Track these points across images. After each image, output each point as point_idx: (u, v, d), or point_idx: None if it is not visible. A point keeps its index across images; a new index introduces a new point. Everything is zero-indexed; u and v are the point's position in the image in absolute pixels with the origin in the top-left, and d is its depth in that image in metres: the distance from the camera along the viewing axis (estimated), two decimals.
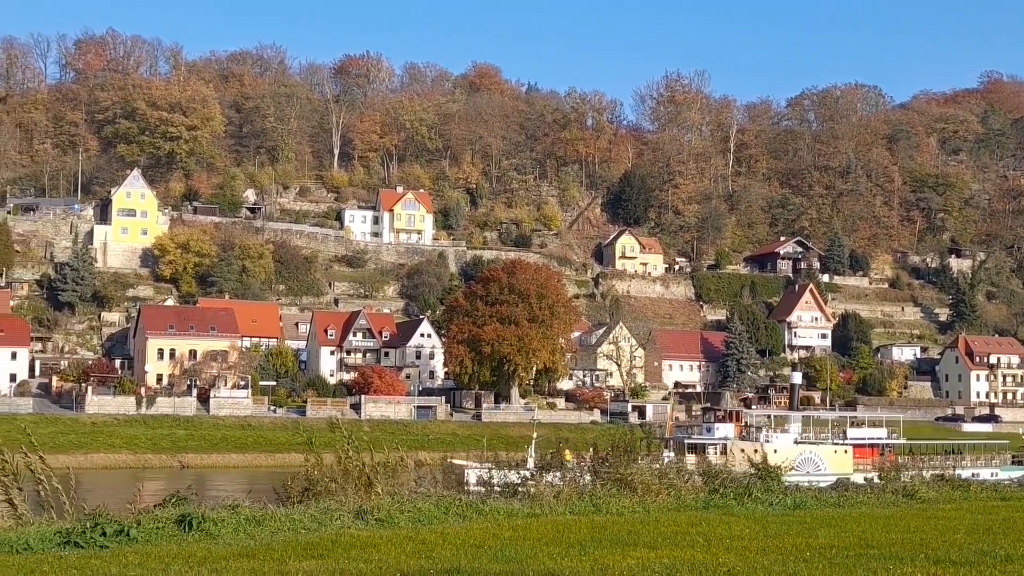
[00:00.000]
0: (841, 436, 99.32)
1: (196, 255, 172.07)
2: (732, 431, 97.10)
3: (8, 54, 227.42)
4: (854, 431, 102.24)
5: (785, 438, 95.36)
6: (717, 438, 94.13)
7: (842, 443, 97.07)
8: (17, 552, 18.22)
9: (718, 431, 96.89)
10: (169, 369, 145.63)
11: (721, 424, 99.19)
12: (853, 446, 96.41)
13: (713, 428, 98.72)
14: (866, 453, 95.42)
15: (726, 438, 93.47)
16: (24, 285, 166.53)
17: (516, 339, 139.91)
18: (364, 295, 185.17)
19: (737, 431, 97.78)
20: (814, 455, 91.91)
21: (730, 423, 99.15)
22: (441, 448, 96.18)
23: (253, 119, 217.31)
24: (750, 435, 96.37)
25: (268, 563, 16.78)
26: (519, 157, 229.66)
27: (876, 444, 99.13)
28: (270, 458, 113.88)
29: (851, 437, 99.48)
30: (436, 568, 16.19)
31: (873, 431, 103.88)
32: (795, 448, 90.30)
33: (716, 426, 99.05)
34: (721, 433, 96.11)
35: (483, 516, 23.19)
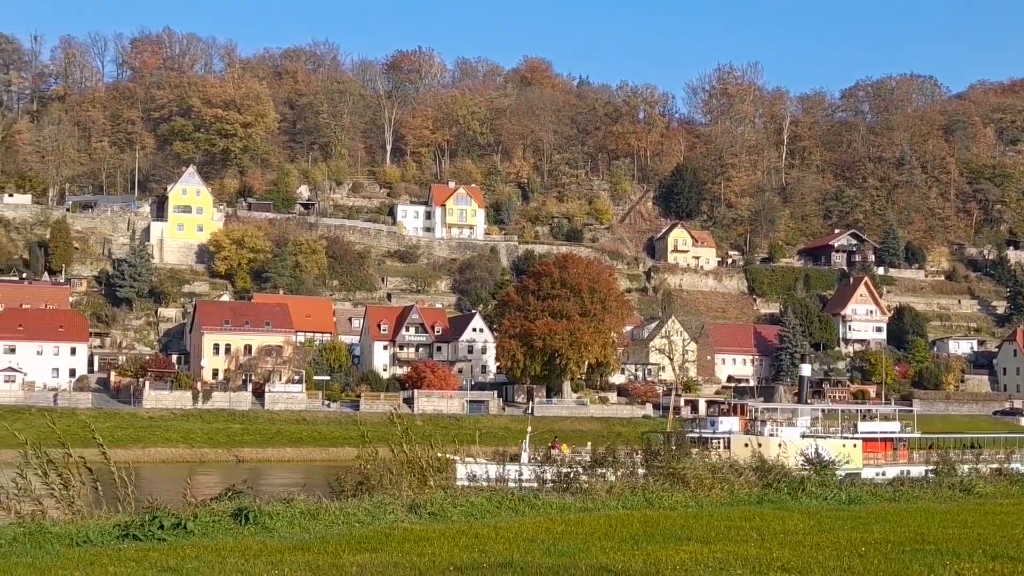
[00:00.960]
0: (852, 430, 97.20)
1: (251, 251, 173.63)
2: (737, 425, 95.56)
3: (67, 53, 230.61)
4: (865, 425, 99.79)
5: (791, 432, 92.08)
6: (721, 432, 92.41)
7: (851, 437, 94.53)
8: (78, 545, 18.50)
9: (722, 425, 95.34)
10: (224, 364, 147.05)
11: (725, 418, 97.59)
12: (864, 440, 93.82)
13: (717, 422, 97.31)
14: (878, 447, 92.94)
15: (730, 432, 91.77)
16: (83, 281, 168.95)
17: (568, 333, 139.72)
18: (416, 290, 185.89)
19: (742, 425, 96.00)
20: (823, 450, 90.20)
21: (735, 417, 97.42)
22: (493, 442, 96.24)
23: (306, 116, 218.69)
24: (755, 429, 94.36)
25: (323, 556, 16.92)
26: (570, 151, 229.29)
27: (889, 438, 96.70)
28: (324, 452, 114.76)
29: (862, 431, 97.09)
30: (489, 562, 16.24)
31: (885, 425, 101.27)
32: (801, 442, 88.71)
33: (720, 420, 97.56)
34: (725, 427, 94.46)
35: (536, 511, 23.22)
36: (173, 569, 15.90)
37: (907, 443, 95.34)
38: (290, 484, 72.45)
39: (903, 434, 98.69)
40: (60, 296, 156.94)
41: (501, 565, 16.01)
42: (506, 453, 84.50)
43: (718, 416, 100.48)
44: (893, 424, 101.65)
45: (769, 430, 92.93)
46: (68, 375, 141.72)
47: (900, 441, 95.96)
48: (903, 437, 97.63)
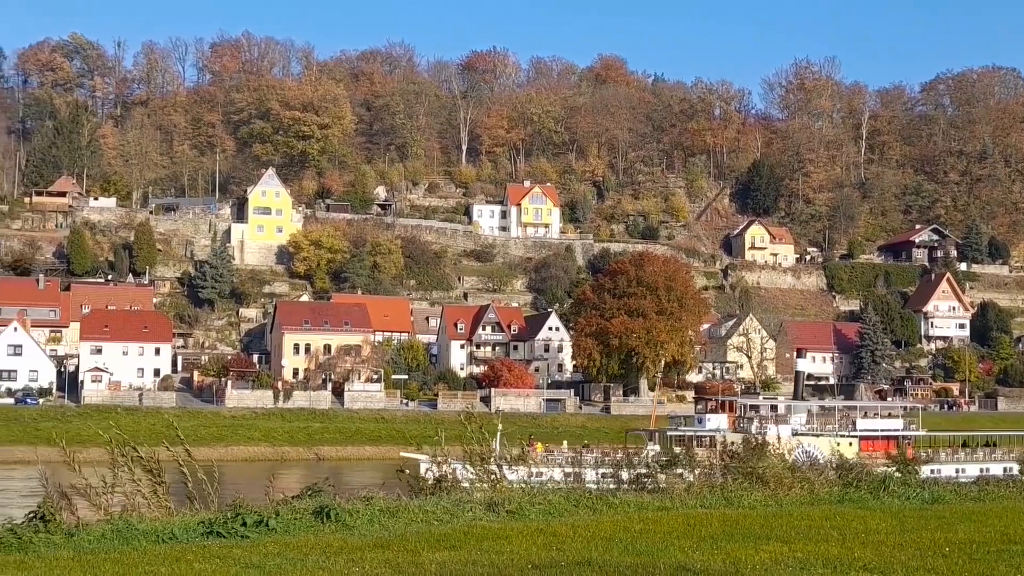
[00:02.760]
0: (850, 428, 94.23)
1: (329, 251, 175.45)
2: (725, 422, 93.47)
3: (149, 59, 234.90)
4: (865, 422, 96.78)
5: (782, 430, 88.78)
6: (708, 430, 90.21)
7: (848, 435, 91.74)
8: (163, 542, 18.84)
9: (709, 422, 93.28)
10: (304, 363, 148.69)
11: (713, 415, 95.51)
12: (862, 438, 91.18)
13: (704, 419, 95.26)
14: (879, 445, 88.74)
15: (718, 430, 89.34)
16: (166, 283, 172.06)
17: (644, 332, 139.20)
18: (492, 289, 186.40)
19: (730, 422, 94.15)
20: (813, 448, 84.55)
21: (723, 414, 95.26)
22: (571, 441, 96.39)
23: (383, 117, 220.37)
24: (743, 427, 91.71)
25: (402, 554, 17.07)
26: (646, 149, 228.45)
27: (891, 436, 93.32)
28: (403, 450, 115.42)
29: (861, 428, 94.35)
30: (567, 560, 16.27)
31: (886, 422, 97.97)
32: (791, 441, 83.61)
33: (708, 417, 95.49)
34: (713, 424, 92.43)
35: (613, 509, 23.19)
36: (256, 566, 16.12)
37: (912, 441, 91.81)
38: (369, 482, 72.94)
39: (907, 432, 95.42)
40: (144, 297, 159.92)
41: (579, 563, 16.03)
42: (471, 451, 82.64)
43: (706, 413, 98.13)
44: (895, 421, 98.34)
45: (756, 428, 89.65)
46: (152, 375, 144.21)
47: (905, 439, 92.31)
48: (908, 435, 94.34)
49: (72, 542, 18.54)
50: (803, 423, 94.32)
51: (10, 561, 16.98)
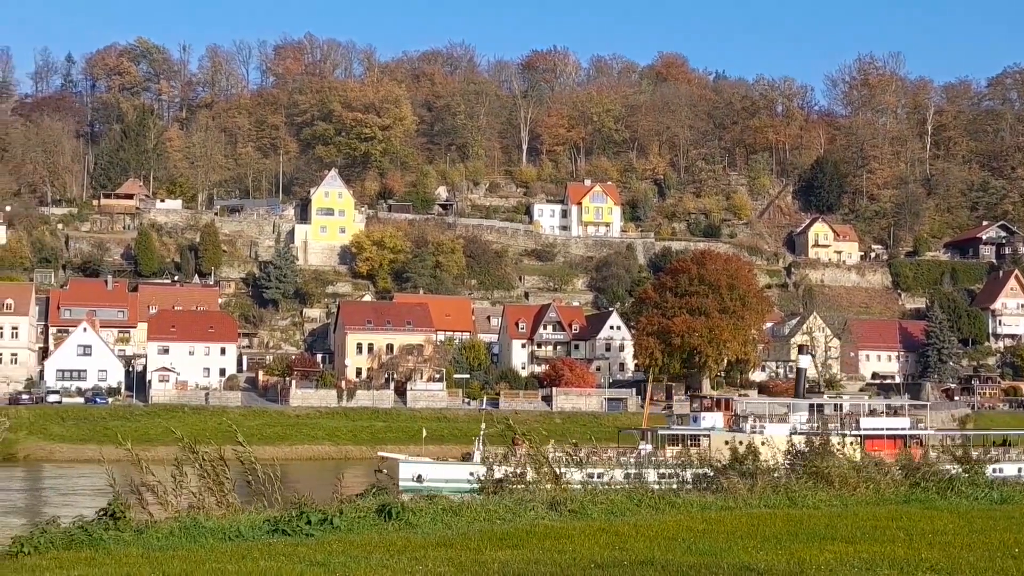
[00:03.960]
0: (854, 426, 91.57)
1: (391, 252, 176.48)
2: (720, 421, 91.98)
3: (213, 62, 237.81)
4: (869, 421, 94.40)
5: (778, 428, 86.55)
6: (702, 429, 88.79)
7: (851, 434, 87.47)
8: (230, 539, 19.11)
9: (704, 421, 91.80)
10: (367, 363, 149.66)
11: (708, 414, 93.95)
12: (866, 437, 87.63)
13: (699, 418, 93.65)
14: (883, 445, 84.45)
15: (712, 429, 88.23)
16: (231, 283, 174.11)
17: (706, 330, 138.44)
18: (553, 288, 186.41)
19: (726, 421, 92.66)
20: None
21: (719, 412, 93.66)
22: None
23: (444, 117, 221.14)
24: (739, 426, 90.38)
25: (465, 552, 17.15)
26: (707, 146, 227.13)
27: (897, 435, 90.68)
28: (465, 450, 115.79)
29: (864, 427, 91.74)
30: (630, 560, 16.26)
31: (892, 420, 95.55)
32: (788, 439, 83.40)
33: (703, 416, 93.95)
34: (708, 423, 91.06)
35: (676, 508, 23.14)
36: (321, 563, 16.29)
37: (920, 440, 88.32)
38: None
39: (915, 430, 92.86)
40: (210, 298, 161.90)
41: (642, 563, 16.02)
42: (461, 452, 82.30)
43: (701, 412, 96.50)
44: (902, 420, 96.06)
45: (751, 427, 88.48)
46: (218, 374, 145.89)
47: (912, 438, 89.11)
48: (915, 434, 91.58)
49: (141, 539, 18.85)
50: (803, 422, 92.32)
51: (81, 558, 17.33)
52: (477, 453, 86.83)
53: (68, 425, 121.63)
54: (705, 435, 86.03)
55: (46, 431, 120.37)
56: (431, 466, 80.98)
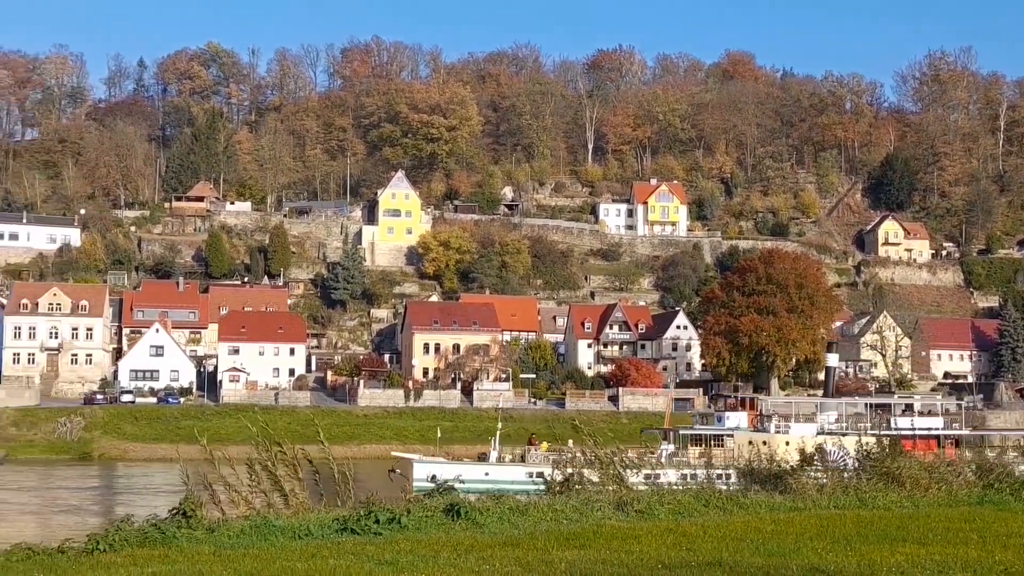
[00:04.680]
0: (885, 426, 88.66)
1: (457, 252, 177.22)
2: (745, 421, 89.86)
3: (282, 65, 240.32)
4: (902, 420, 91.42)
5: (804, 428, 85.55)
6: (725, 429, 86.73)
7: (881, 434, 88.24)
8: (299, 538, 19.30)
9: (728, 421, 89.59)
10: (434, 363, 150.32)
11: (733, 413, 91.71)
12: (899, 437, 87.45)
13: (724, 418, 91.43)
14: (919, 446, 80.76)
15: (736, 428, 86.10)
16: (300, 284, 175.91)
17: (774, 330, 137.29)
18: (619, 288, 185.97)
19: (750, 421, 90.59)
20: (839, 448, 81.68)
21: (743, 412, 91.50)
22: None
23: (509, 118, 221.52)
24: (763, 426, 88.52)
25: (532, 552, 17.18)
26: (775, 144, 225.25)
27: (931, 435, 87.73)
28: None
29: (896, 427, 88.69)
30: (698, 561, 16.21)
31: (926, 420, 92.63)
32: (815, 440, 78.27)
33: (727, 415, 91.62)
34: (732, 423, 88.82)
35: (744, 509, 23.00)
36: (389, 562, 16.40)
37: (954, 440, 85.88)
38: None
39: (949, 431, 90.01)
40: (279, 299, 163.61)
41: (710, 564, 15.96)
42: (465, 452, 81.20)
43: (725, 411, 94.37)
44: (935, 420, 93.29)
45: (775, 427, 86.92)
46: (288, 374, 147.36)
47: (947, 438, 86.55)
48: (950, 434, 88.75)
49: (213, 538, 19.10)
50: (832, 422, 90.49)
51: (154, 555, 17.61)
52: (493, 453, 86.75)
53: (141, 424, 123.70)
54: (728, 435, 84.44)
55: (120, 430, 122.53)
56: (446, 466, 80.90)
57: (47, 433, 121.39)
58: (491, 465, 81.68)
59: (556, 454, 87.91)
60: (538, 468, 79.61)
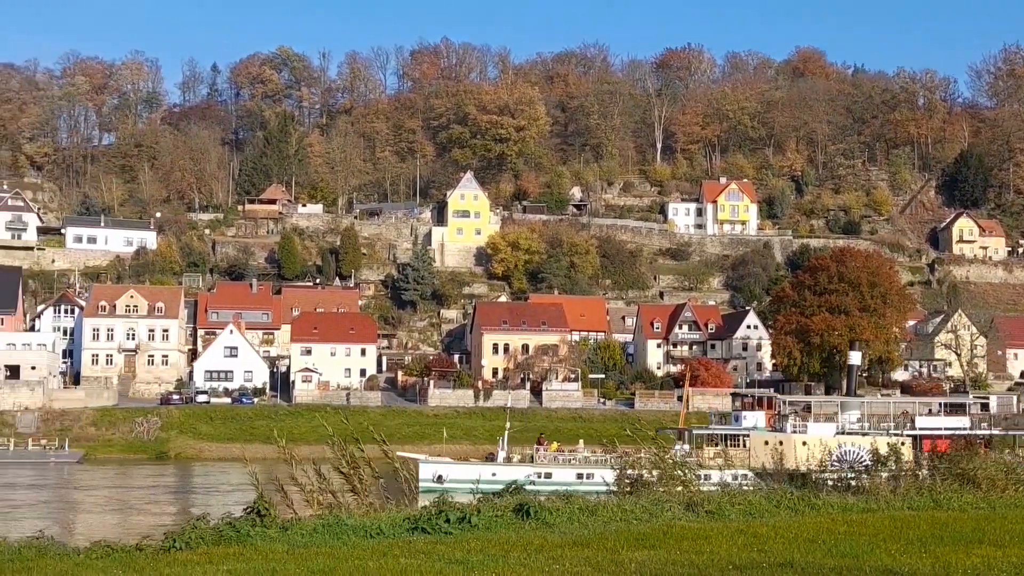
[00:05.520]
0: (908, 426, 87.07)
1: (526, 253, 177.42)
2: (762, 421, 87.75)
3: (352, 68, 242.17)
4: (925, 420, 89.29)
5: (822, 428, 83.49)
6: (741, 429, 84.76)
7: (903, 434, 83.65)
8: (371, 536, 19.50)
9: (745, 420, 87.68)
10: (503, 363, 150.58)
11: (750, 413, 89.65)
12: (923, 437, 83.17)
13: (741, 417, 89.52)
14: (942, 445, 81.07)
15: (754, 428, 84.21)
16: (371, 285, 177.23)
17: (847, 329, 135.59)
18: (689, 287, 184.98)
19: (768, 420, 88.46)
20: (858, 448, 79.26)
21: (760, 411, 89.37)
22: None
23: (577, 118, 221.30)
24: (780, 425, 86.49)
25: (602, 552, 17.21)
26: (846, 142, 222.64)
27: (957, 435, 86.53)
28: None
29: (920, 427, 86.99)
30: (769, 562, 16.13)
31: (951, 420, 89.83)
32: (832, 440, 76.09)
33: (744, 415, 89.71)
34: (749, 422, 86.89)
35: (816, 510, 22.84)
36: (460, 561, 16.51)
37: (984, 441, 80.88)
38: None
39: (976, 431, 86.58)
40: (350, 300, 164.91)
41: (781, 565, 15.87)
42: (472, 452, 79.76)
43: (742, 410, 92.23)
44: (962, 419, 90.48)
45: (792, 426, 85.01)
46: (359, 375, 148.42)
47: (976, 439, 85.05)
48: (978, 434, 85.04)
49: (286, 536, 19.35)
50: (853, 421, 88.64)
51: (229, 553, 17.89)
52: (501, 453, 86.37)
53: (216, 424, 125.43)
54: (745, 435, 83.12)
55: (195, 430, 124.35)
56: (452, 466, 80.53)
57: (125, 433, 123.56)
58: (498, 465, 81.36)
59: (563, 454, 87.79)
60: (545, 468, 79.51)
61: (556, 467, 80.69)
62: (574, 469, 79.58)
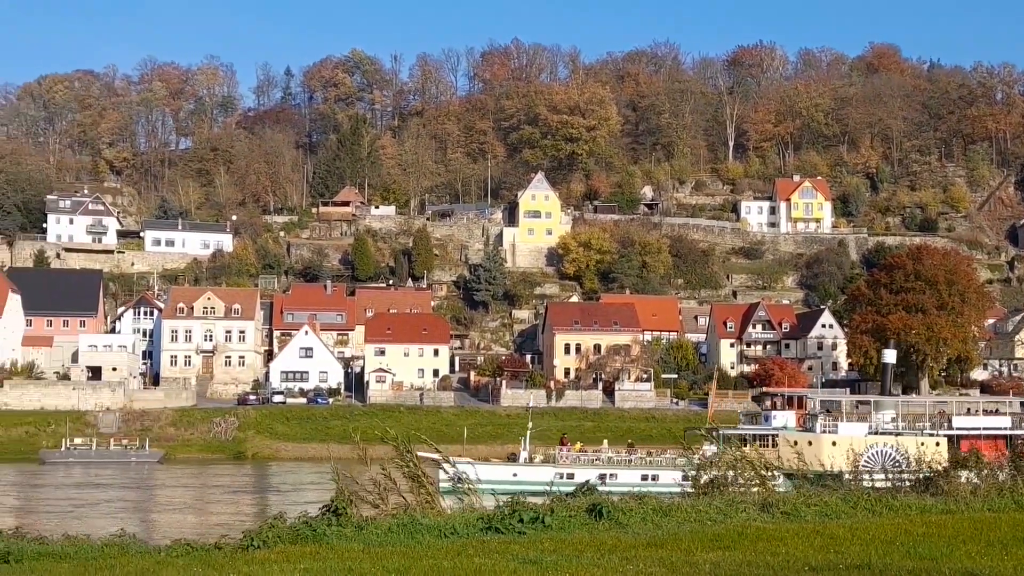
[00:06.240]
0: (945, 426, 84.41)
1: (597, 252, 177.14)
2: (793, 420, 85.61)
3: (423, 70, 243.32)
4: (963, 420, 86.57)
5: (853, 428, 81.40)
6: (771, 428, 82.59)
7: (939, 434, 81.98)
8: (445, 536, 19.63)
9: (775, 420, 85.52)
10: (575, 363, 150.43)
11: (780, 412, 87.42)
12: (960, 437, 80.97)
13: (771, 417, 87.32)
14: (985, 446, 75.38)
15: (784, 428, 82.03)
16: (443, 286, 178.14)
17: (924, 328, 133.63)
18: (762, 286, 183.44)
19: (798, 420, 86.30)
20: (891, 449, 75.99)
21: (791, 411, 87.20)
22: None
23: (648, 117, 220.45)
24: (809, 425, 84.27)
25: (676, 553, 17.16)
26: (922, 138, 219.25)
27: (997, 435, 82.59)
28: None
29: (957, 426, 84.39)
30: (846, 563, 15.99)
31: (992, 419, 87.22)
32: (863, 440, 75.93)
33: (774, 415, 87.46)
34: (779, 422, 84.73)
35: (894, 511, 22.57)
36: (533, 561, 16.56)
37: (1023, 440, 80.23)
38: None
39: (1017, 431, 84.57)
40: (423, 300, 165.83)
41: (858, 567, 15.73)
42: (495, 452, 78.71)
43: (771, 410, 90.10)
44: (1002, 419, 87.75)
45: (821, 426, 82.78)
46: (432, 375, 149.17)
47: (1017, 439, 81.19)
48: (1018, 434, 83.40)
49: (362, 535, 19.55)
50: (887, 421, 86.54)
51: (306, 552, 18.12)
52: (524, 453, 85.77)
53: (292, 424, 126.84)
54: (774, 435, 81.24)
55: (272, 430, 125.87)
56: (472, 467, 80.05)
57: (203, 433, 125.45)
58: (519, 466, 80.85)
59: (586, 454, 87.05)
60: (567, 469, 78.92)
61: (578, 467, 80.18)
62: (596, 470, 79.08)
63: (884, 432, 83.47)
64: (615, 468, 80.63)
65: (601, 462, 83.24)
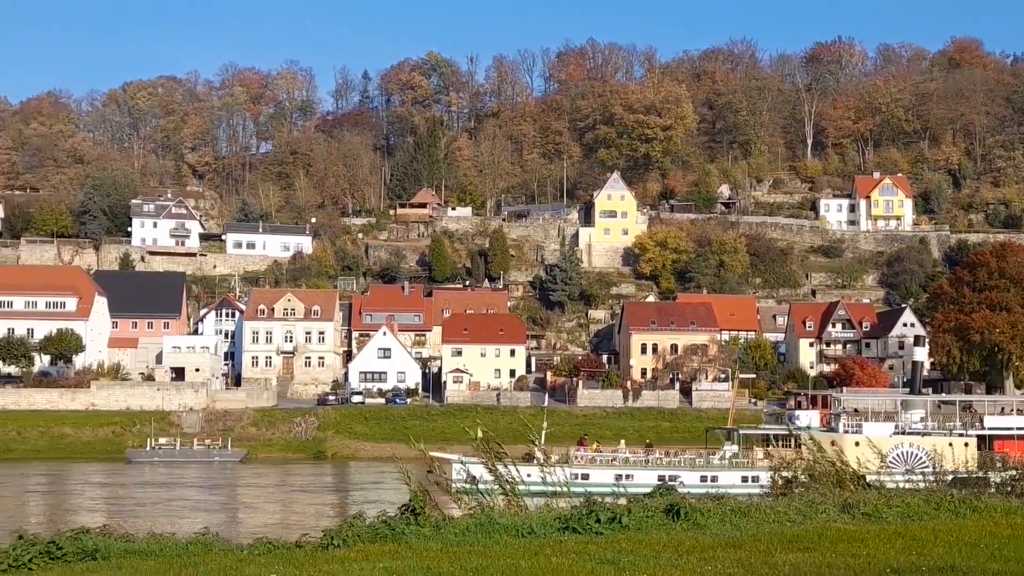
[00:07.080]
0: (975, 425, 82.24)
1: (674, 252, 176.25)
2: (816, 420, 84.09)
3: (499, 71, 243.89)
4: (995, 420, 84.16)
5: (878, 428, 79.32)
6: (795, 428, 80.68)
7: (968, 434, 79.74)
8: (522, 536, 19.67)
9: (799, 420, 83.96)
10: (652, 363, 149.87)
11: (803, 412, 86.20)
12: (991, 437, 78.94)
13: (795, 416, 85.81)
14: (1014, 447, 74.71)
15: (807, 428, 79.82)
16: (519, 287, 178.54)
17: (1009, 326, 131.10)
18: (841, 285, 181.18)
19: (822, 419, 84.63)
20: (917, 449, 74.75)
21: (815, 411, 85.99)
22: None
23: (725, 115, 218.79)
24: (832, 425, 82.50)
25: (755, 554, 17.06)
26: (1005, 133, 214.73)
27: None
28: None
29: (989, 426, 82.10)
30: (929, 565, 15.79)
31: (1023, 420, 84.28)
32: (888, 440, 74.24)
33: (798, 414, 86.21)
34: (803, 422, 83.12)
35: (978, 513, 22.18)
36: (611, 562, 16.55)
37: None
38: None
39: None
40: (499, 301, 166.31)
41: (942, 569, 15.53)
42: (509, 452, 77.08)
43: (795, 409, 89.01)
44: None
45: (844, 426, 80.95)
46: (508, 375, 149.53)
47: None
48: None
49: (440, 534, 19.66)
50: (915, 421, 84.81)
51: (385, 551, 18.28)
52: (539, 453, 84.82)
53: (370, 424, 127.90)
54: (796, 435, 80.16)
55: (351, 430, 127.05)
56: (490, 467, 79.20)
57: (284, 433, 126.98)
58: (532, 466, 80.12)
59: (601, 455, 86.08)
60: (582, 470, 78.09)
61: (593, 468, 79.57)
62: (612, 471, 78.46)
63: (912, 432, 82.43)
64: (631, 469, 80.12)
65: (617, 463, 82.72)
